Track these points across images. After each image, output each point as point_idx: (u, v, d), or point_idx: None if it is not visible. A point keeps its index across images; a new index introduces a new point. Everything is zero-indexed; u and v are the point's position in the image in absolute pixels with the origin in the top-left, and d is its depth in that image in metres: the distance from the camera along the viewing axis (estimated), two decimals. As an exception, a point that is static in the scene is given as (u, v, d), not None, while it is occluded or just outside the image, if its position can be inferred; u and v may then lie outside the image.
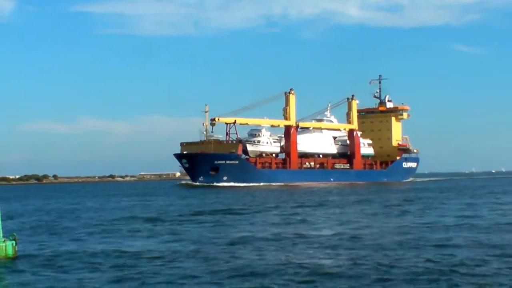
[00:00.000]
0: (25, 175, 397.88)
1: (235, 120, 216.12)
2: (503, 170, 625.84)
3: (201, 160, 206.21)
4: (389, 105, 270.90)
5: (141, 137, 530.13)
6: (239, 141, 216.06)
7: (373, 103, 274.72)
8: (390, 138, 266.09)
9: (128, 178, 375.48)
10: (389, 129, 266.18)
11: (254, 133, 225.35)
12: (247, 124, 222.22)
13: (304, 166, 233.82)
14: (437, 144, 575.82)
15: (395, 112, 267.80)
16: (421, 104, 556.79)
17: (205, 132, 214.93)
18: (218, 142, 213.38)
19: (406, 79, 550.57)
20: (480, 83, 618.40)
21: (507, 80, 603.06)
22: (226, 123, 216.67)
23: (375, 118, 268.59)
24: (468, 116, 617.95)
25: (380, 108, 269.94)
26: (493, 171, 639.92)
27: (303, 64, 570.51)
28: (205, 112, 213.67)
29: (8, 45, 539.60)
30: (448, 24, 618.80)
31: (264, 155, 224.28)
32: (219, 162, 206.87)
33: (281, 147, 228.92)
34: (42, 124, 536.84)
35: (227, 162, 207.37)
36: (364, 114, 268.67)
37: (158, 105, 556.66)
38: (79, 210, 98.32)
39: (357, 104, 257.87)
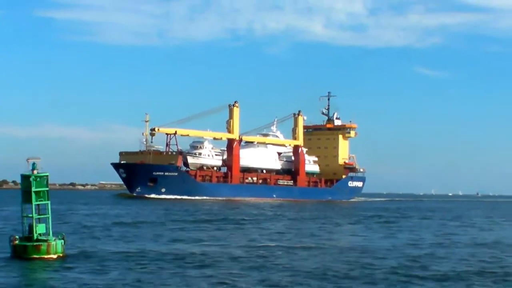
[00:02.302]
0: None
1: (175, 131, 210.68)
2: (460, 193, 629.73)
3: (139, 171, 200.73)
4: (337, 122, 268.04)
5: (102, 145, 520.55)
6: (180, 152, 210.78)
7: (321, 120, 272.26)
8: (336, 156, 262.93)
9: (89, 187, 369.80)
10: (336, 147, 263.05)
11: (196, 145, 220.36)
12: (188, 135, 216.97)
13: (246, 181, 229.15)
14: (397, 165, 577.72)
15: (343, 130, 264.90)
16: (376, 124, 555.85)
17: (145, 142, 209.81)
18: (157, 152, 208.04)
19: (365, 99, 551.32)
20: (439, 106, 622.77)
21: (465, 103, 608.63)
22: (167, 134, 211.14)
23: (322, 135, 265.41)
24: (425, 138, 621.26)
25: (328, 125, 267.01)
26: (450, 194, 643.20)
27: (255, 78, 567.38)
28: (146, 121, 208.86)
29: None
30: (410, 46, 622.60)
31: (205, 168, 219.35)
32: (158, 173, 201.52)
33: (223, 160, 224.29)
34: (2, 128, 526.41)
35: (166, 173, 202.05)
36: (311, 130, 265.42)
37: (116, 113, 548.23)
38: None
39: (305, 120, 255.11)
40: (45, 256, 47.61)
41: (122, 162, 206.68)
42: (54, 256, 47.97)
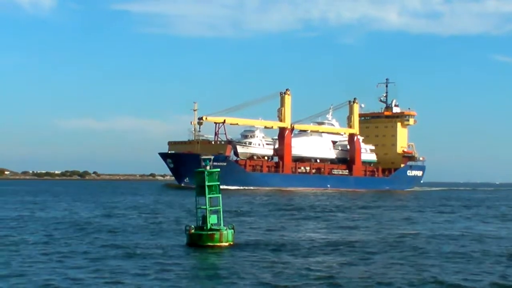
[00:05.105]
0: (67, 171, 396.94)
1: (224, 120, 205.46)
2: None
3: (186, 161, 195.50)
4: (396, 110, 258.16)
5: (176, 136, 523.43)
6: (229, 141, 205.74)
7: (379, 108, 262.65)
8: (394, 144, 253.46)
9: (168, 177, 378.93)
10: (394, 135, 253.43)
11: (247, 134, 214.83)
12: (237, 124, 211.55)
13: (299, 170, 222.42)
14: (462, 154, 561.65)
15: (401, 117, 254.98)
16: (438, 112, 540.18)
17: (193, 131, 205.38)
18: (206, 142, 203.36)
19: (429, 87, 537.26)
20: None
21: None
22: (215, 123, 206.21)
23: (379, 123, 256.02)
24: (496, 126, 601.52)
25: (386, 113, 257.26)
26: None
27: (313, 67, 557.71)
28: (194, 110, 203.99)
29: (48, 41, 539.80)
30: (487, 33, 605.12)
31: (255, 157, 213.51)
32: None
33: (275, 149, 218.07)
34: (80, 121, 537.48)
35: (214, 163, 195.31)
36: (368, 118, 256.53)
37: (182, 104, 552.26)
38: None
39: (362, 108, 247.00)
40: (218, 244, 51.01)
41: (169, 152, 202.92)
42: (226, 244, 51.24)
